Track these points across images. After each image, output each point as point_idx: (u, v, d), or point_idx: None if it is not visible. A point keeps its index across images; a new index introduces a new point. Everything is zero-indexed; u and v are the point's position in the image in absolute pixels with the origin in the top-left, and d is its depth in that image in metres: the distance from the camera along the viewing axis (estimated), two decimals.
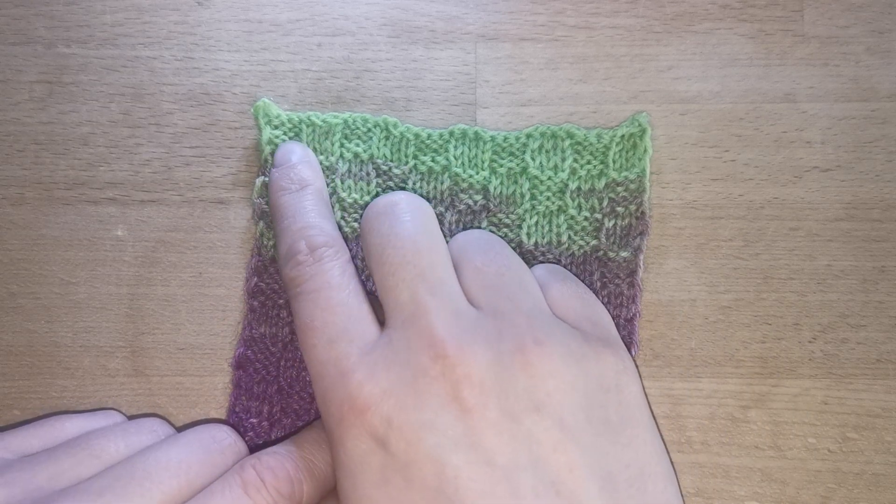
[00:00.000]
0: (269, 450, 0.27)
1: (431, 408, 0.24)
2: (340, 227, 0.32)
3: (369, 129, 0.33)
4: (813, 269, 0.33)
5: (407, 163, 0.33)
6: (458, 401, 0.24)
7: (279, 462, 0.26)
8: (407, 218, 0.28)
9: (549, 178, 0.33)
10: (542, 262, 0.32)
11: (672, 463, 0.27)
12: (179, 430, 0.28)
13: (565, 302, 0.28)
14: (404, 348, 0.25)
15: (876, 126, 0.34)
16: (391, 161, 0.33)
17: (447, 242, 0.29)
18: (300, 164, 0.32)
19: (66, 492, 0.24)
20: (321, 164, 0.33)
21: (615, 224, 0.32)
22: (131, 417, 0.30)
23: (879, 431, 0.32)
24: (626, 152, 0.33)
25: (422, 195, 0.33)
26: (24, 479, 0.24)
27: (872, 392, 0.32)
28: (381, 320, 0.27)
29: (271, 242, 0.33)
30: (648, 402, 0.28)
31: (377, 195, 0.33)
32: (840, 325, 0.32)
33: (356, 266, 0.32)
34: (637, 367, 0.28)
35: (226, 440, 0.27)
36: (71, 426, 0.28)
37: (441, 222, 0.32)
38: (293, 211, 0.30)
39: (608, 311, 0.31)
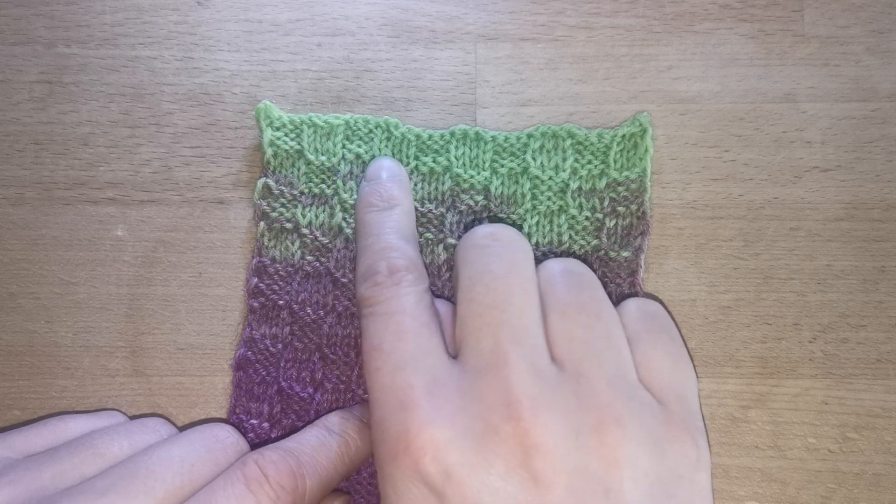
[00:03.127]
0: (272, 445, 0.27)
1: (497, 470, 0.23)
2: (342, 229, 0.32)
3: (371, 131, 0.33)
4: (813, 269, 0.33)
5: (408, 164, 0.33)
6: (526, 468, 0.23)
7: (281, 457, 0.26)
8: (504, 255, 0.27)
9: (550, 178, 0.33)
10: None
11: None
12: (181, 430, 0.28)
13: (655, 363, 0.26)
14: (476, 398, 0.24)
15: (876, 126, 0.34)
16: None
17: (536, 267, 0.28)
18: (390, 181, 0.31)
19: (70, 491, 0.24)
20: (322, 164, 0.33)
21: (616, 224, 0.32)
22: (132, 418, 0.30)
23: (879, 431, 0.32)
24: (627, 152, 0.33)
25: (423, 196, 0.33)
26: (28, 479, 0.24)
27: (872, 392, 0.32)
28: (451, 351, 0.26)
29: (272, 243, 0.32)
30: (712, 489, 0.26)
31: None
32: (840, 325, 0.32)
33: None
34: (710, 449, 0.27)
35: (228, 438, 0.27)
36: (74, 426, 0.28)
37: (442, 223, 0.32)
38: (378, 230, 0.29)
39: None
